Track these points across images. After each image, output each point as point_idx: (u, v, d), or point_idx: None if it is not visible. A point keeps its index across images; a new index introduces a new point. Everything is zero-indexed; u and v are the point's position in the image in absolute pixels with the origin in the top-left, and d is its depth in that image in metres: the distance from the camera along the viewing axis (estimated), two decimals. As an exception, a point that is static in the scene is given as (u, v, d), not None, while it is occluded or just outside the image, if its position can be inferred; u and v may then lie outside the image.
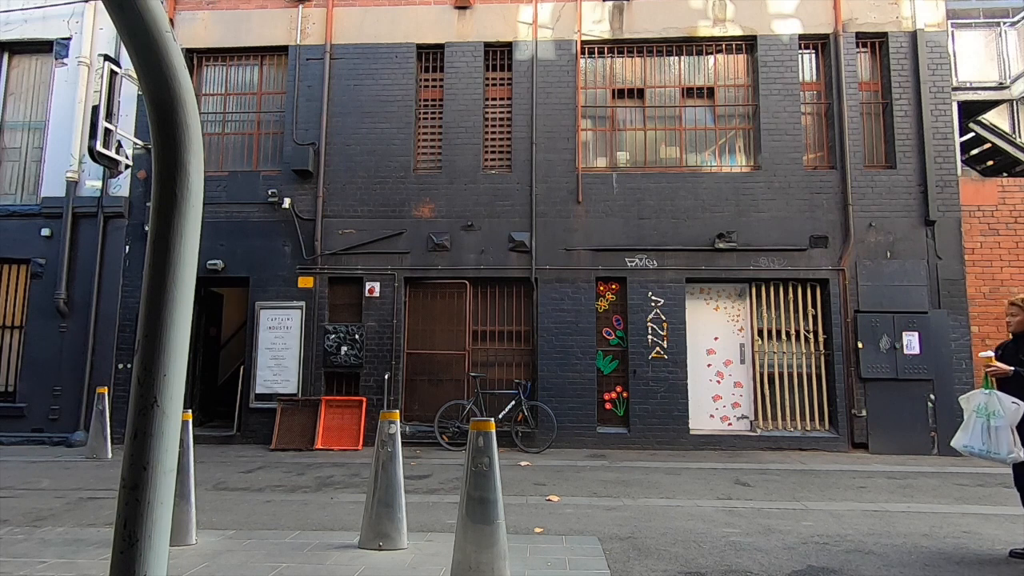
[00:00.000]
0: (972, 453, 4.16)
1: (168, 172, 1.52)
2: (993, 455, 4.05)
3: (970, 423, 4.18)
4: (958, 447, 4.25)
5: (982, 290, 9.11)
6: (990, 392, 4.16)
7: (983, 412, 4.13)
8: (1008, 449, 4.00)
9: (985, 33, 10.32)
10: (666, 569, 3.90)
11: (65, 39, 10.24)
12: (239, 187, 9.90)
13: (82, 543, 4.38)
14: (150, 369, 1.46)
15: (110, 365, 9.59)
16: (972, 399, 4.25)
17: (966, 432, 4.21)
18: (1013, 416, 4.04)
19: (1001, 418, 4.05)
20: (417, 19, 10.09)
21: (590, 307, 9.37)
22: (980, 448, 4.10)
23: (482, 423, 3.63)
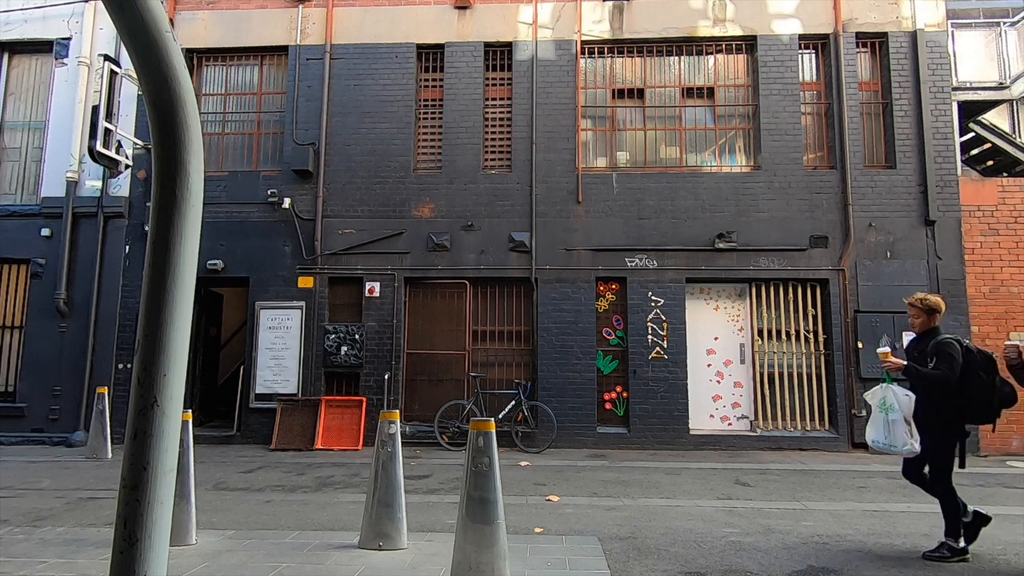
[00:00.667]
0: (878, 447, 4.27)
1: (168, 172, 1.52)
2: (892, 448, 4.17)
3: (876, 418, 4.29)
4: (868, 442, 4.36)
5: (982, 290, 9.11)
6: (887, 386, 4.25)
7: (883, 407, 4.22)
8: (903, 441, 4.10)
9: (985, 33, 10.32)
10: (666, 569, 3.90)
11: (65, 39, 10.24)
12: (239, 187, 9.90)
13: (82, 543, 4.38)
14: (150, 369, 1.46)
15: (110, 365, 9.59)
16: (875, 395, 4.33)
17: (872, 427, 4.31)
18: (907, 408, 4.13)
19: (896, 411, 4.15)
20: (417, 19, 10.09)
21: (590, 307, 9.37)
22: (883, 442, 4.21)
23: (482, 423, 3.63)
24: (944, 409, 4.16)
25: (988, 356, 4.25)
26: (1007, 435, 8.78)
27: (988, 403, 4.14)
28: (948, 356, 4.11)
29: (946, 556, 4.10)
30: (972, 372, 4.15)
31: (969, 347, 4.23)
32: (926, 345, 4.30)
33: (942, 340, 4.23)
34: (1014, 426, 8.80)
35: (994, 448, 8.75)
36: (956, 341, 4.21)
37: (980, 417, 4.20)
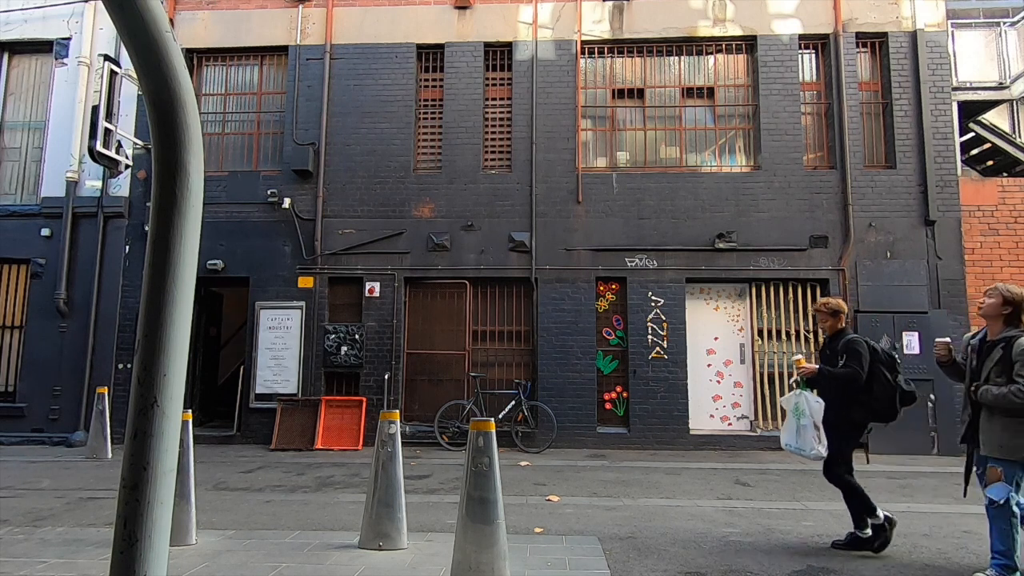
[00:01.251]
0: (790, 450, 4.44)
1: (168, 172, 1.52)
2: (802, 452, 4.33)
3: (790, 423, 4.45)
4: (783, 445, 4.53)
5: (982, 290, 9.07)
6: (800, 392, 4.41)
7: (796, 412, 4.39)
8: (811, 446, 4.25)
9: (985, 33, 10.32)
10: (666, 569, 3.90)
11: (65, 39, 10.24)
12: (239, 187, 9.90)
13: (82, 543, 4.38)
14: (150, 369, 1.46)
15: (110, 365, 9.59)
16: (789, 400, 4.49)
17: (786, 431, 4.48)
18: (818, 415, 4.27)
19: (807, 417, 4.31)
20: (417, 19, 10.08)
21: (590, 307, 9.37)
22: (795, 446, 4.37)
23: (482, 423, 3.63)
24: (851, 408, 4.31)
25: (891, 356, 4.43)
26: (1007, 435, 8.77)
27: (891, 401, 4.29)
28: (856, 354, 4.28)
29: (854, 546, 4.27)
30: (878, 371, 4.29)
31: (875, 347, 4.38)
32: (836, 344, 4.48)
33: (850, 339, 4.38)
34: (1014, 426, 8.79)
35: (994, 448, 8.74)
36: (864, 340, 4.38)
37: (884, 415, 4.35)
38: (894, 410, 4.31)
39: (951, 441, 8.69)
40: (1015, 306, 3.67)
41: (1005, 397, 3.47)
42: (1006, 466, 3.51)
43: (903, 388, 4.31)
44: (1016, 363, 3.52)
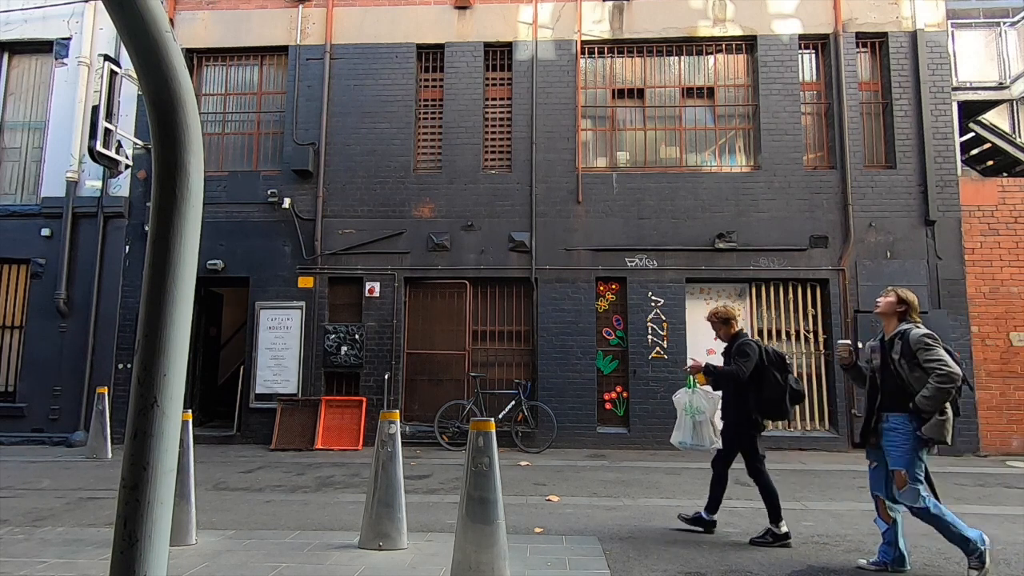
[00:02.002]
0: (685, 448, 4.74)
1: (168, 172, 1.52)
2: (700, 447, 4.68)
3: (681, 422, 4.74)
4: (675, 444, 4.81)
5: (982, 290, 9.11)
6: (693, 391, 4.72)
7: (690, 410, 4.68)
8: (710, 440, 4.61)
9: (985, 33, 10.31)
10: (666, 569, 3.90)
11: (65, 39, 10.24)
12: (239, 187, 9.90)
13: (82, 543, 4.38)
14: (150, 369, 1.46)
15: (110, 365, 9.59)
16: (680, 400, 4.75)
17: (679, 430, 4.76)
18: (712, 409, 4.61)
19: (703, 413, 4.63)
20: (417, 19, 10.08)
21: (590, 307, 9.37)
22: (691, 443, 4.68)
23: (482, 423, 3.63)
24: (744, 406, 4.60)
25: (781, 356, 4.71)
26: (1007, 435, 8.79)
27: (781, 400, 4.57)
28: (744, 355, 4.60)
29: (769, 541, 4.39)
30: (767, 371, 4.58)
31: (765, 348, 4.70)
32: (732, 346, 4.83)
33: (742, 342, 4.73)
34: (1014, 426, 8.81)
35: (994, 448, 8.76)
36: (754, 343, 4.72)
37: (775, 413, 4.63)
38: (784, 408, 4.60)
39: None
40: (908, 305, 3.99)
41: (937, 392, 3.63)
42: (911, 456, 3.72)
43: (792, 387, 4.62)
44: (917, 351, 3.76)
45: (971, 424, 8.74)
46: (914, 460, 3.73)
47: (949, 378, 3.62)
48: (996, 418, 8.83)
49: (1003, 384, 8.90)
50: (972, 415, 8.76)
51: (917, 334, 3.81)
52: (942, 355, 3.69)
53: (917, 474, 3.72)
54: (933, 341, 3.76)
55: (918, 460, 3.73)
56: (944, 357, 3.69)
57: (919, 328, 3.87)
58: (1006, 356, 8.97)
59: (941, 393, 3.63)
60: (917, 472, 3.72)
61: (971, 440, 8.72)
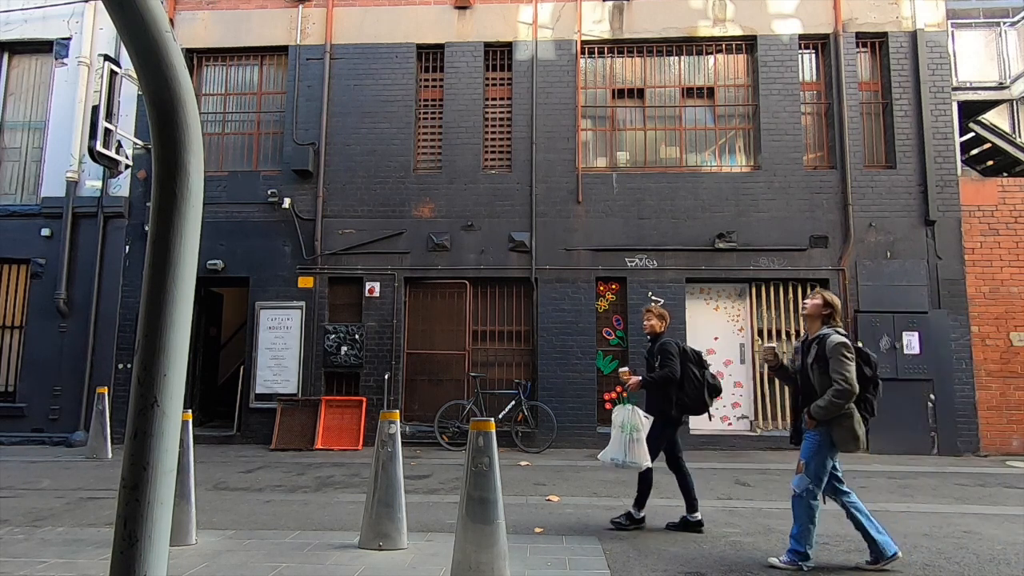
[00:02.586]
0: (617, 464, 4.75)
1: (168, 172, 1.52)
2: (632, 464, 4.69)
3: (617, 439, 4.74)
4: (605, 460, 4.81)
5: (982, 290, 9.11)
6: (632, 408, 4.75)
7: (627, 427, 4.71)
8: (645, 458, 4.66)
9: (985, 33, 10.32)
10: (666, 569, 3.90)
11: (65, 39, 10.24)
12: (239, 187, 9.90)
13: (82, 543, 4.38)
14: (150, 369, 1.46)
15: (110, 365, 9.59)
16: (617, 415, 4.79)
17: (614, 447, 4.75)
18: (647, 429, 4.71)
19: (639, 431, 4.68)
20: (417, 19, 10.08)
21: (590, 307, 9.37)
22: (623, 460, 4.70)
23: (482, 423, 3.63)
24: (667, 404, 4.82)
25: (699, 353, 5.01)
26: (1007, 435, 8.79)
27: (701, 396, 4.86)
28: (669, 355, 4.82)
29: (625, 524, 4.77)
30: (687, 368, 4.85)
31: (684, 348, 4.96)
32: (654, 347, 5.01)
33: (663, 342, 4.93)
34: (1014, 426, 8.81)
35: (994, 448, 8.76)
36: (674, 343, 4.94)
37: (695, 408, 4.91)
38: (703, 403, 4.89)
39: (951, 441, 8.70)
40: (833, 308, 4.08)
41: (830, 404, 3.80)
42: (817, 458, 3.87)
43: (710, 383, 4.91)
44: (830, 359, 3.86)
45: (971, 424, 8.75)
46: (819, 459, 3.87)
47: (844, 394, 3.77)
48: (996, 418, 8.83)
49: (1003, 384, 8.90)
50: (972, 415, 8.77)
51: (833, 341, 3.89)
52: (847, 370, 3.79)
53: (818, 472, 3.87)
54: (846, 352, 3.84)
55: (824, 460, 3.87)
56: (848, 373, 3.79)
57: (838, 335, 3.93)
58: (1006, 356, 8.97)
59: (832, 406, 3.80)
60: (820, 472, 3.87)
61: (971, 440, 8.73)
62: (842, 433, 3.83)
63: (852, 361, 3.84)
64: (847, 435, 3.82)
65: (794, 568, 3.83)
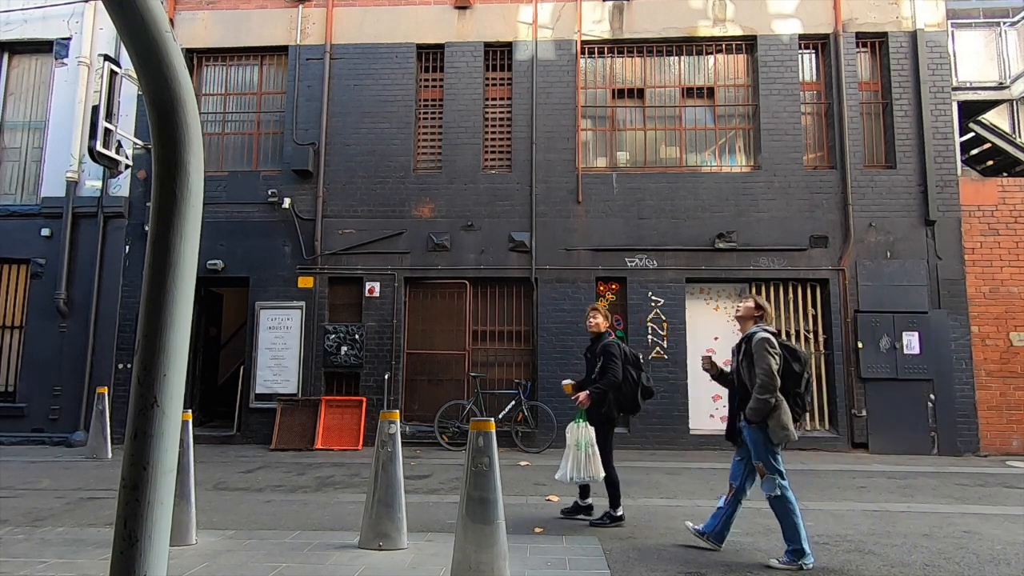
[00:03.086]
0: (574, 481, 4.81)
1: (168, 172, 1.52)
2: (588, 479, 4.77)
3: (571, 456, 4.82)
4: (564, 479, 4.85)
5: (982, 290, 9.11)
6: (584, 424, 4.84)
7: (582, 445, 4.80)
8: (599, 471, 4.74)
9: (985, 33, 10.31)
10: (666, 569, 3.90)
11: (65, 39, 10.24)
12: (239, 187, 9.90)
13: (82, 543, 4.38)
14: (150, 369, 1.46)
15: (110, 365, 9.59)
16: (572, 435, 4.88)
17: (569, 465, 4.81)
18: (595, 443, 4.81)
19: (593, 446, 4.78)
20: (417, 19, 10.08)
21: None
22: (579, 476, 4.76)
23: (482, 423, 3.63)
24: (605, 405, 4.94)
25: (636, 356, 5.12)
26: (1007, 435, 8.79)
27: (635, 396, 4.98)
28: (612, 356, 4.91)
29: (607, 523, 4.87)
30: (626, 371, 4.96)
31: (624, 349, 5.05)
32: (596, 347, 5.08)
33: (606, 344, 5.02)
34: (1014, 426, 8.81)
35: (994, 448, 8.76)
36: (616, 344, 5.02)
37: (630, 408, 5.05)
38: (637, 403, 5.03)
39: (951, 441, 8.70)
40: (764, 310, 4.29)
41: (757, 401, 3.94)
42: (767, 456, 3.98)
43: (644, 384, 5.02)
44: (755, 354, 4.01)
45: (971, 424, 8.75)
46: (768, 455, 3.98)
47: (765, 387, 3.91)
48: (996, 418, 8.83)
49: (1003, 384, 8.90)
50: (972, 415, 8.77)
51: (758, 337, 4.05)
52: (768, 363, 3.93)
53: (775, 465, 3.97)
54: (769, 347, 3.98)
55: (772, 455, 3.98)
56: (768, 365, 3.92)
57: (763, 332, 4.08)
58: (1006, 356, 8.97)
59: (759, 403, 3.93)
60: (775, 464, 3.97)
61: (971, 440, 8.73)
62: (773, 426, 3.94)
63: (775, 355, 3.97)
64: (777, 427, 3.93)
65: (794, 568, 3.85)
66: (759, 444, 3.99)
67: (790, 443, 4.00)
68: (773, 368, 3.92)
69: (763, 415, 3.93)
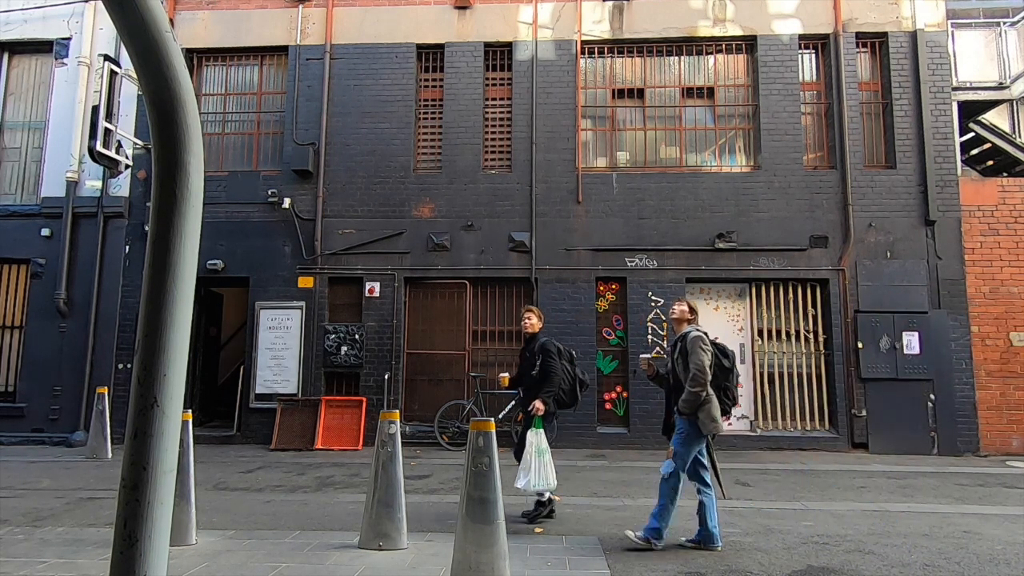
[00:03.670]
0: (535, 489, 4.84)
1: (168, 172, 1.52)
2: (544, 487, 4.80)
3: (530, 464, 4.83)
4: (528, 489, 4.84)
5: (982, 290, 9.11)
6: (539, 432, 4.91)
7: (542, 452, 4.85)
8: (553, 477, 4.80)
9: (985, 33, 10.31)
10: (666, 569, 3.90)
11: (65, 39, 10.24)
12: (239, 187, 9.90)
13: (82, 543, 4.38)
14: (150, 369, 1.46)
15: (110, 365, 9.58)
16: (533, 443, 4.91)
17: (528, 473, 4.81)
18: None
19: (547, 452, 4.86)
20: (417, 19, 10.08)
21: (590, 307, 9.37)
22: (539, 484, 4.78)
23: (482, 423, 3.63)
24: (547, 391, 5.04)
25: (570, 352, 5.26)
26: (1007, 435, 8.79)
27: (573, 391, 5.18)
28: (550, 355, 5.07)
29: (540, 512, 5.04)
30: (564, 368, 5.13)
31: (559, 347, 5.20)
32: (534, 346, 5.21)
33: (543, 342, 5.16)
34: (1014, 426, 8.81)
35: (994, 448, 8.75)
36: (552, 342, 5.18)
37: (569, 403, 5.26)
38: (575, 397, 5.26)
39: (951, 441, 8.70)
40: (696, 313, 4.62)
41: (689, 394, 4.20)
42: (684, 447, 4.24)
43: (580, 378, 5.24)
44: (689, 352, 4.29)
45: (971, 424, 8.75)
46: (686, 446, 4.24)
47: (696, 380, 4.19)
48: (996, 418, 8.83)
49: (1003, 384, 8.90)
50: (972, 415, 8.77)
51: (692, 336, 4.35)
52: (701, 359, 4.22)
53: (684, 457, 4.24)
54: (702, 345, 4.27)
55: (690, 447, 4.25)
56: (701, 361, 4.20)
57: (696, 331, 4.38)
58: (1006, 356, 8.97)
59: (691, 395, 4.20)
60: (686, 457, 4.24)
61: (971, 440, 8.73)
62: (703, 418, 4.20)
63: (707, 351, 4.28)
64: (707, 419, 4.19)
65: (645, 544, 4.21)
66: (685, 434, 4.25)
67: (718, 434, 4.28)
68: (705, 363, 4.21)
69: (694, 407, 4.20)
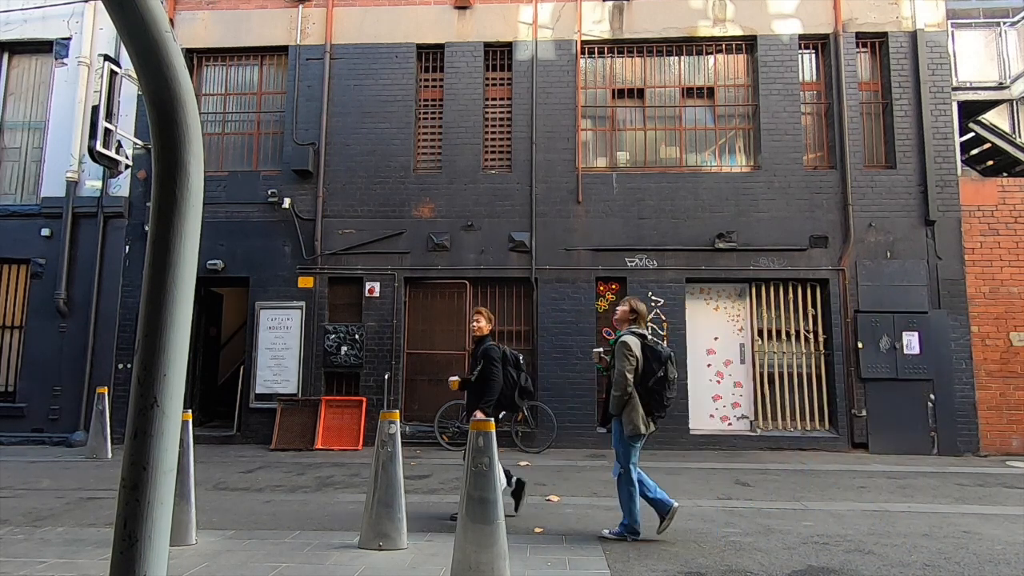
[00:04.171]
0: None
1: (168, 172, 1.52)
2: None
3: None
4: None
5: (982, 290, 9.11)
6: None
7: None
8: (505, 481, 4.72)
9: (985, 33, 10.31)
10: (666, 569, 3.90)
11: (65, 39, 10.24)
12: (239, 187, 9.90)
13: (82, 543, 4.38)
14: (150, 369, 1.46)
15: (110, 365, 9.58)
16: None
17: None
18: None
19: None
20: (417, 19, 10.08)
21: (590, 307, 9.37)
22: None
23: (482, 423, 3.64)
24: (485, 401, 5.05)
25: (517, 357, 5.31)
26: (1007, 435, 8.79)
27: (512, 396, 5.20)
28: (491, 358, 5.10)
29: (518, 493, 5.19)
30: (506, 373, 5.16)
31: (504, 351, 5.24)
32: (478, 349, 5.25)
33: (487, 347, 5.19)
34: (1014, 426, 8.81)
35: (994, 448, 8.76)
36: (496, 347, 5.22)
37: (509, 407, 5.26)
38: (515, 403, 5.26)
39: (951, 441, 8.70)
40: (638, 313, 4.69)
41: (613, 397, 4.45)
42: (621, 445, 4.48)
43: (522, 385, 5.24)
44: (616, 356, 4.49)
45: (971, 424, 8.75)
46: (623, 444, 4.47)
47: (617, 384, 4.43)
48: (996, 418, 8.83)
49: (1003, 384, 8.90)
50: (972, 415, 8.77)
51: (620, 341, 4.52)
52: (621, 366, 4.43)
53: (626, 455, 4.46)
54: (626, 350, 4.46)
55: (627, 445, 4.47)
56: (621, 369, 4.42)
57: (628, 335, 4.54)
58: (1006, 356, 8.97)
59: (614, 399, 4.45)
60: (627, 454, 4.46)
61: (971, 440, 8.73)
62: (625, 420, 4.42)
63: (630, 357, 4.45)
64: (627, 421, 4.41)
65: (620, 538, 4.44)
66: (620, 435, 4.50)
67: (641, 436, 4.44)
68: (625, 370, 4.42)
69: (619, 408, 4.44)
